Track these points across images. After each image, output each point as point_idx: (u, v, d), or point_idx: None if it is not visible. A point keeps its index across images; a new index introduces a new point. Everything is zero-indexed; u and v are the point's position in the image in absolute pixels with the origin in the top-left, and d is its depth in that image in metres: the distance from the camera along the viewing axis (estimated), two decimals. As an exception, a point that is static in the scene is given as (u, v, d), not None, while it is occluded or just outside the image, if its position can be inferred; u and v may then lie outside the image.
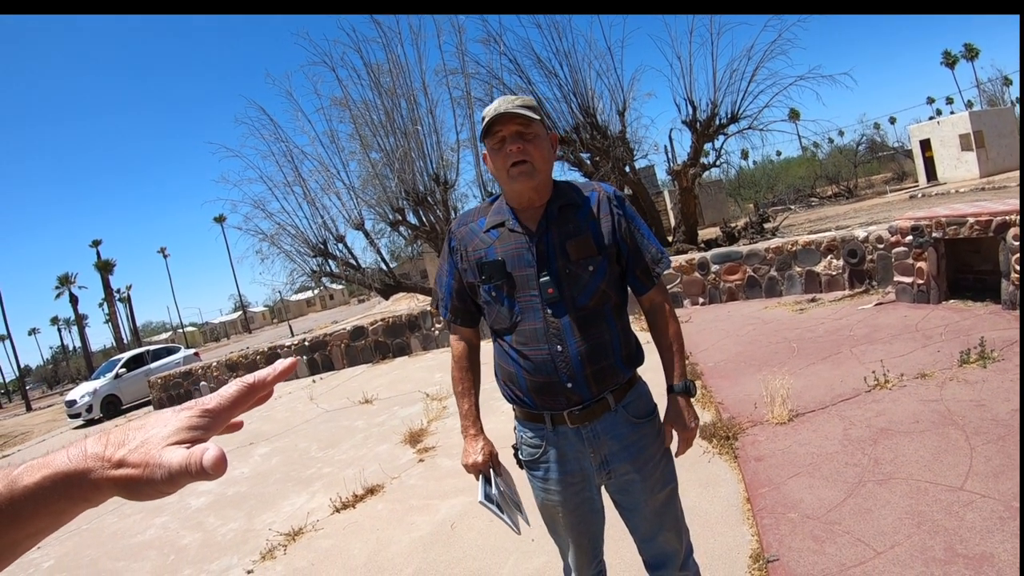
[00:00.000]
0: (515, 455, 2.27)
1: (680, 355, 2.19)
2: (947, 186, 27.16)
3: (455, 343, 2.35)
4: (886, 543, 2.99)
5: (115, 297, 69.99)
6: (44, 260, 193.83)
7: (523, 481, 2.29)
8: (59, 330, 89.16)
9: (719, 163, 17.44)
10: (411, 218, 15.62)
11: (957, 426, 3.99)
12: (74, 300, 66.73)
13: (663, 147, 23.72)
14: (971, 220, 6.53)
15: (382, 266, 16.24)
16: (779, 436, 4.50)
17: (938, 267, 6.99)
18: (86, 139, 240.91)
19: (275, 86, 16.25)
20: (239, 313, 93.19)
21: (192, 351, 23.64)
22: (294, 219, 16.05)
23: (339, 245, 16.16)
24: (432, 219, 15.36)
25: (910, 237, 7.27)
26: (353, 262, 16.16)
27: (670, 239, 17.72)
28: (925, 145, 31.13)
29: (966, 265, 7.04)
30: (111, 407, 19.23)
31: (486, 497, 2.15)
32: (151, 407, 17.28)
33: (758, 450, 4.36)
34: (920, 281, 7.18)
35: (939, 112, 74.16)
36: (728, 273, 10.11)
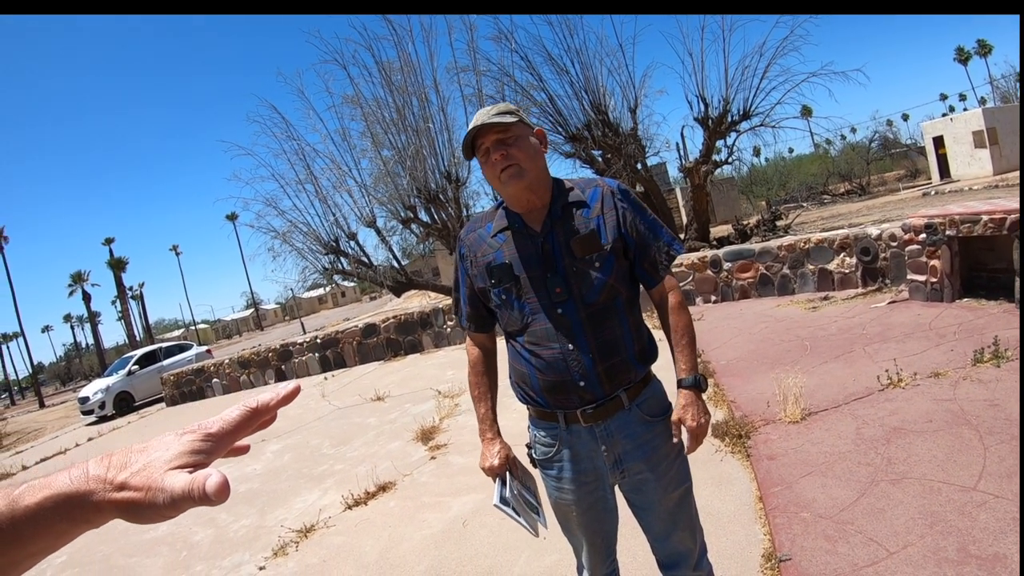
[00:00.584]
0: (528, 454, 2.28)
1: (690, 348, 2.16)
2: (960, 183, 26.99)
3: (471, 348, 2.38)
4: (899, 543, 2.98)
5: (128, 294, 70.35)
6: (57, 258, 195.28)
7: (539, 480, 2.30)
8: (72, 327, 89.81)
9: (731, 160, 17.34)
10: (423, 215, 15.63)
11: (970, 426, 3.98)
12: (87, 297, 67.14)
13: (675, 144, 23.61)
14: (985, 218, 6.49)
15: (394, 263, 16.25)
16: (792, 435, 4.49)
17: (952, 265, 6.95)
18: (99, 137, 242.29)
19: (287, 84, 16.30)
20: (251, 310, 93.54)
21: (204, 348, 23.75)
22: (306, 217, 16.09)
23: (351, 243, 16.19)
24: (444, 216, 15.37)
25: (923, 235, 7.22)
26: (365, 259, 16.18)
27: (682, 236, 17.66)
28: (938, 142, 30.93)
29: (980, 263, 7.00)
30: (124, 404, 19.31)
31: (501, 500, 2.16)
32: (164, 404, 17.37)
33: (770, 449, 4.35)
34: (933, 279, 7.14)
35: (952, 109, 73.85)
36: (740, 271, 10.08)
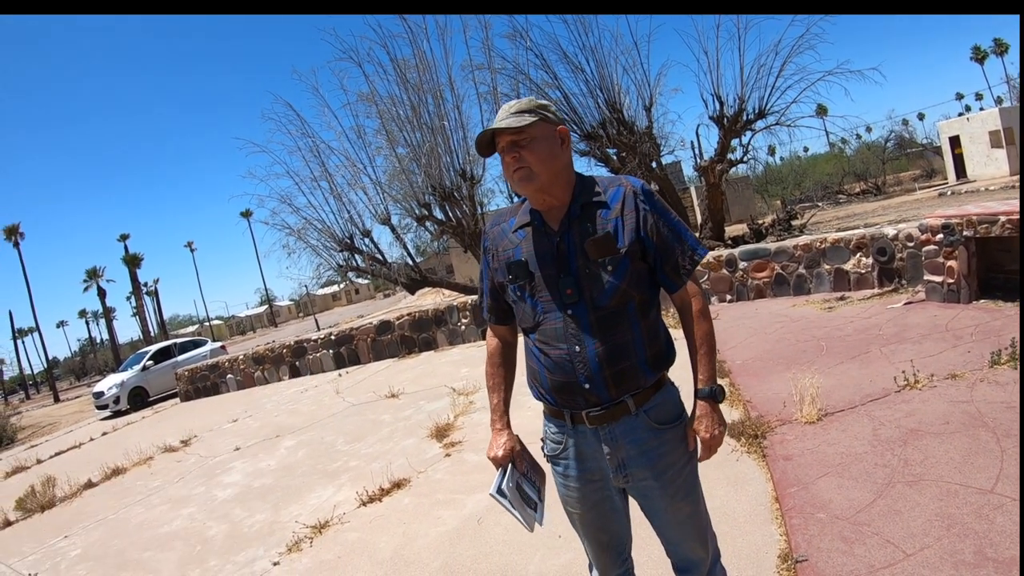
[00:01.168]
0: (542, 448, 2.29)
1: (709, 357, 2.13)
2: (977, 184, 26.82)
3: (489, 340, 2.40)
4: (916, 545, 2.97)
5: (142, 290, 70.74)
6: (72, 254, 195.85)
7: (550, 476, 2.33)
8: (87, 323, 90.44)
9: (746, 159, 17.28)
10: (437, 213, 15.67)
11: (988, 428, 3.95)
12: (102, 293, 67.50)
13: (690, 143, 23.64)
14: (1003, 219, 6.43)
15: (408, 261, 16.31)
16: (808, 435, 4.47)
17: (969, 266, 6.90)
18: (114, 135, 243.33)
19: (302, 82, 16.39)
20: (265, 307, 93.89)
21: (219, 344, 23.89)
22: (321, 214, 16.19)
23: (365, 240, 16.28)
24: (458, 214, 15.41)
25: (941, 235, 7.17)
26: (379, 257, 16.25)
27: (697, 235, 17.59)
28: (954, 142, 30.77)
29: (997, 264, 6.94)
30: (138, 399, 19.45)
31: (498, 491, 2.19)
32: (178, 399, 17.46)
33: (787, 449, 4.33)
34: (950, 280, 7.09)
35: (968, 108, 73.20)
36: (756, 270, 10.04)
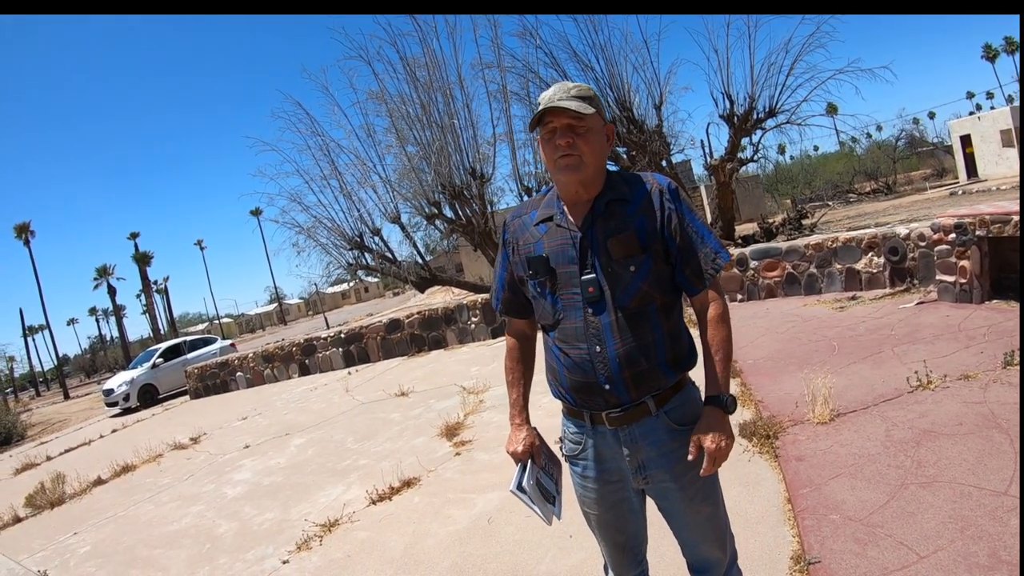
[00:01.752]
0: (560, 448, 2.28)
1: (724, 364, 2.05)
2: (988, 183, 26.68)
3: (508, 334, 2.37)
4: (929, 547, 2.95)
5: (152, 288, 70.97)
6: (83, 252, 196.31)
7: (567, 473, 2.31)
8: (97, 320, 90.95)
9: (756, 158, 17.28)
10: (447, 212, 15.68)
11: (1001, 429, 3.92)
12: (112, 291, 67.80)
13: (700, 142, 23.55)
14: (1015, 218, 6.39)
15: (418, 259, 16.34)
16: (820, 436, 4.45)
17: (981, 266, 6.85)
18: (124, 133, 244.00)
19: (311, 81, 16.46)
20: (275, 305, 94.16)
21: (228, 342, 24.02)
22: (330, 212, 16.23)
23: (375, 238, 16.30)
24: (468, 213, 15.42)
25: (953, 235, 7.13)
26: (389, 255, 16.27)
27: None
28: (965, 141, 30.61)
29: (1010, 264, 6.88)
30: (148, 396, 19.56)
31: (518, 487, 2.16)
32: (187, 397, 17.53)
33: (799, 450, 4.32)
34: (963, 280, 7.04)
35: (979, 107, 72.82)
36: (767, 270, 10.00)
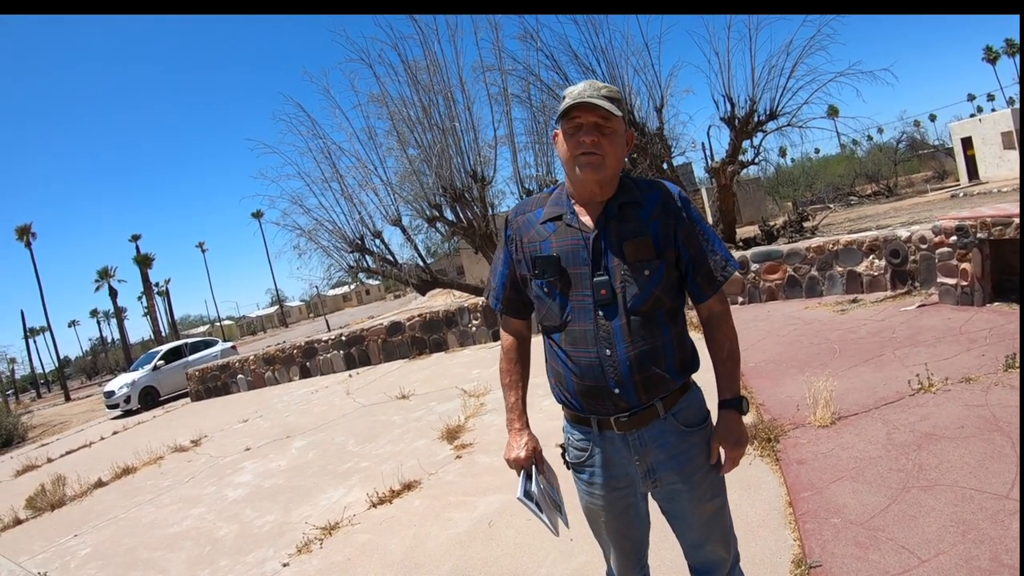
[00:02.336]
0: (562, 455, 2.23)
1: (735, 369, 2.11)
2: (989, 185, 26.68)
3: (504, 335, 2.32)
4: (931, 551, 2.94)
5: (154, 290, 71.04)
6: (84, 254, 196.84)
7: (568, 480, 2.27)
8: (98, 322, 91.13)
9: (757, 161, 17.24)
10: (448, 214, 15.67)
11: (1003, 432, 3.92)
12: (113, 293, 67.86)
13: (701, 144, 23.51)
14: (1016, 220, 6.39)
15: (419, 262, 16.33)
16: (821, 439, 4.44)
17: (983, 268, 6.85)
18: (126, 135, 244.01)
19: (313, 83, 16.42)
20: (276, 307, 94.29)
21: (229, 344, 24.01)
22: (331, 215, 16.23)
23: (376, 241, 16.30)
24: (469, 215, 15.41)
25: (954, 237, 7.12)
26: (390, 258, 16.27)
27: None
28: (966, 143, 30.62)
29: (1011, 267, 6.87)
30: (149, 398, 19.56)
31: (525, 494, 2.13)
32: (188, 399, 17.53)
33: (800, 453, 4.31)
34: (964, 283, 7.04)
35: (980, 109, 72.87)
36: (768, 272, 10.00)
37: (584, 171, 1.93)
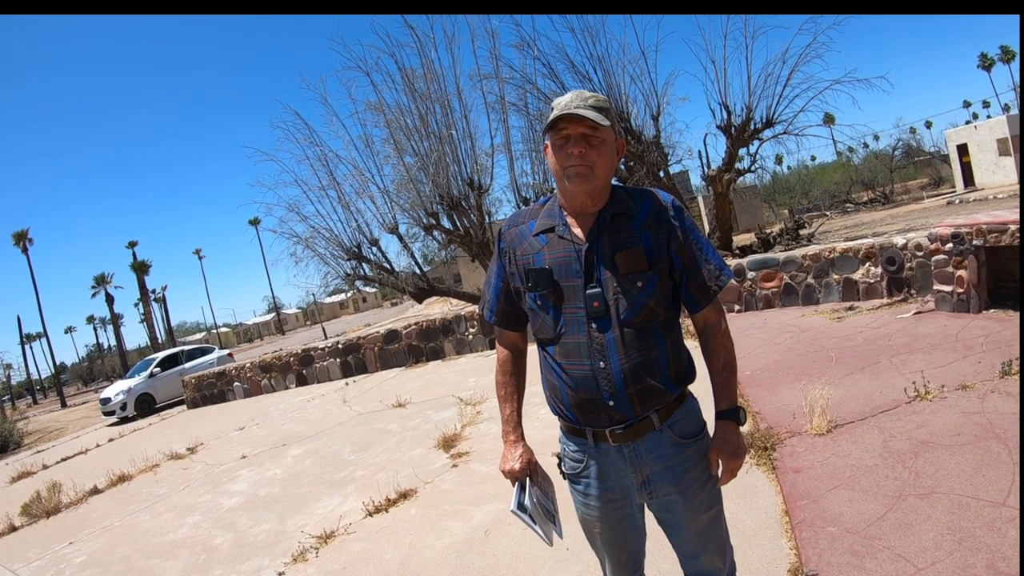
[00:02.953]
0: (559, 466, 2.22)
1: (732, 379, 2.09)
2: (985, 192, 26.66)
3: (500, 347, 2.31)
4: (927, 559, 2.94)
5: (150, 297, 70.89)
6: (81, 260, 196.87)
7: (564, 491, 2.26)
8: (95, 329, 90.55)
9: (754, 168, 17.25)
10: (445, 222, 15.66)
11: (999, 439, 3.92)
12: (110, 299, 67.65)
13: (697, 152, 23.53)
14: (1012, 227, 6.41)
15: (416, 270, 16.33)
16: (818, 447, 4.44)
17: (979, 275, 6.86)
18: (123, 142, 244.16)
19: (310, 91, 16.46)
20: (273, 314, 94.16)
21: (226, 351, 23.96)
22: (328, 222, 16.22)
23: (373, 248, 16.28)
24: (466, 223, 15.41)
25: (950, 245, 7.14)
26: (387, 265, 16.26)
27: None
28: (962, 150, 30.59)
29: (1007, 273, 6.89)
30: (145, 405, 19.55)
31: (519, 506, 2.11)
32: (185, 406, 17.50)
33: (796, 461, 4.31)
34: (960, 290, 7.05)
35: (975, 116, 72.98)
36: (764, 280, 10.01)
37: (573, 183, 1.93)
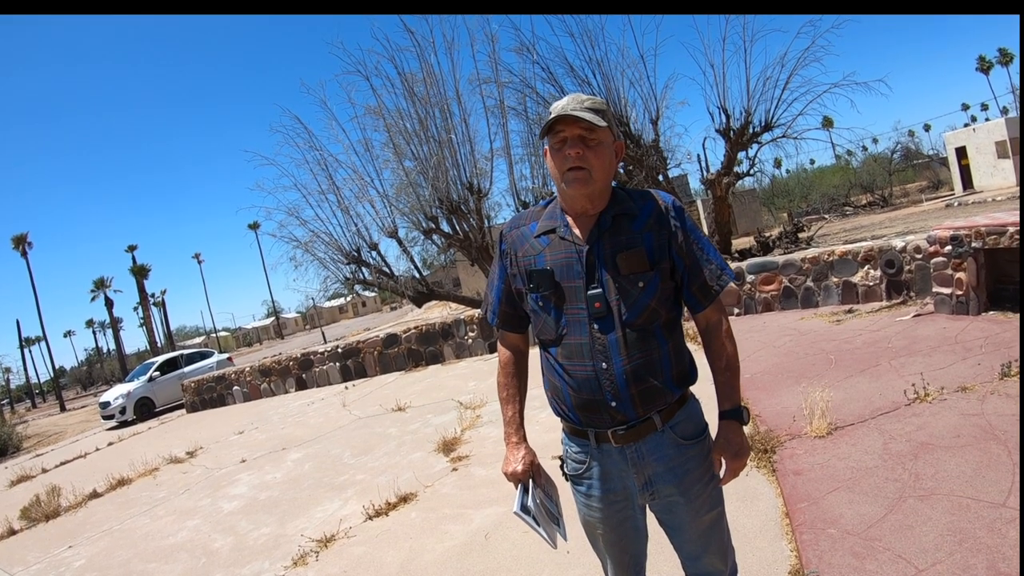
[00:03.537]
0: (561, 467, 2.23)
1: (734, 379, 2.09)
2: (984, 194, 26.68)
3: (501, 349, 2.31)
4: (927, 560, 2.94)
5: (150, 301, 70.78)
6: (80, 264, 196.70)
7: (567, 493, 2.27)
8: (94, 332, 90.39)
9: (753, 172, 17.24)
10: (444, 226, 15.65)
11: (999, 441, 3.92)
12: (109, 303, 67.55)
13: (696, 156, 23.51)
14: (1011, 229, 6.41)
15: (415, 274, 16.30)
16: (818, 450, 4.44)
17: (978, 278, 6.87)
18: (123, 147, 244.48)
19: (310, 95, 16.39)
20: (272, 319, 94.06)
21: (225, 356, 23.94)
22: (328, 226, 16.18)
23: (372, 253, 16.25)
24: (466, 227, 15.40)
25: (949, 247, 7.14)
26: (386, 270, 16.23)
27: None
28: (961, 153, 30.60)
29: (1006, 275, 6.89)
30: (144, 409, 19.56)
31: (522, 508, 2.11)
32: (184, 410, 17.49)
33: (796, 464, 4.31)
34: (959, 292, 7.06)
35: (974, 119, 73.06)
36: (764, 283, 10.01)
37: (572, 186, 1.94)
